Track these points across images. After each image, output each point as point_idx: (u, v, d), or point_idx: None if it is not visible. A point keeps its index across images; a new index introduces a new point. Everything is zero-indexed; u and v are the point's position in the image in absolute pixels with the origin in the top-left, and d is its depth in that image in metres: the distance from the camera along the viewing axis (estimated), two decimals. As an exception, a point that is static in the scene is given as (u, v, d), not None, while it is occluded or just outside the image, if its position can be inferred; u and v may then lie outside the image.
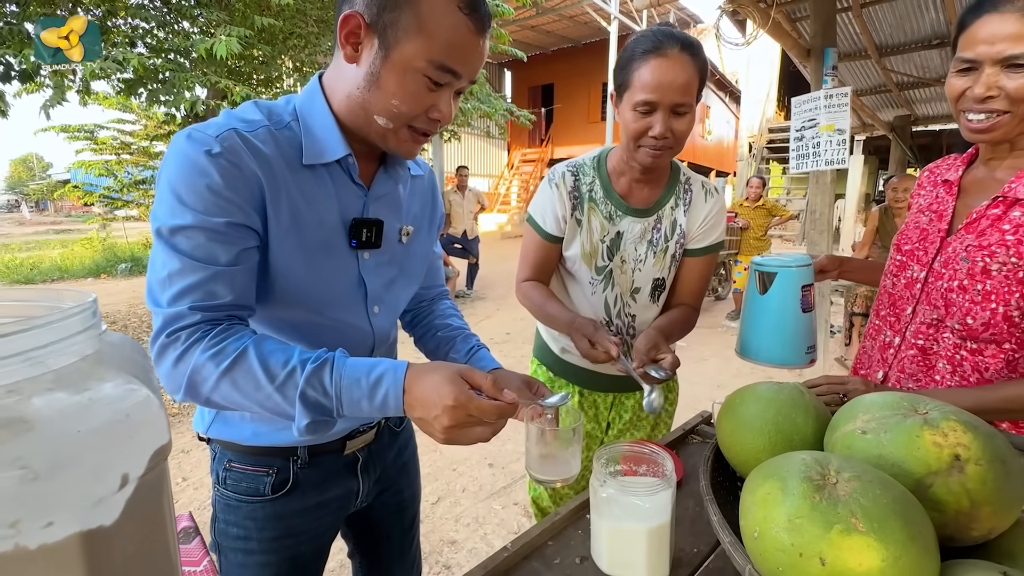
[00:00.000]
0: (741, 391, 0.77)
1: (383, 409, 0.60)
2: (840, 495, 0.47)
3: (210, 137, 0.62)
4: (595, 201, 1.10)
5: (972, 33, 0.79)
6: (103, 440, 0.22)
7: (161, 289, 0.60)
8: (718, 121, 20.15)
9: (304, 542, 0.83)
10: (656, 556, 0.65)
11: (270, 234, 0.67)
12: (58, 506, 0.20)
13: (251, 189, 0.63)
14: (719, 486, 0.71)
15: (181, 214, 0.60)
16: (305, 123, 0.70)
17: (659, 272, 1.13)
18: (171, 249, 0.60)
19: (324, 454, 0.82)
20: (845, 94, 2.70)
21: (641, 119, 0.96)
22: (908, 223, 1.03)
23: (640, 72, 0.94)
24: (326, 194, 0.71)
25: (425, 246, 0.91)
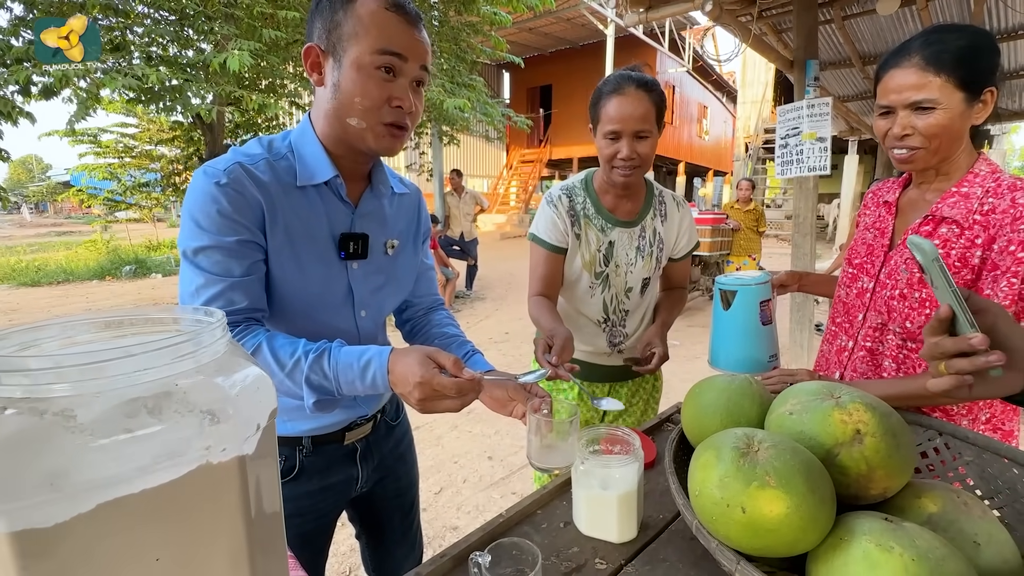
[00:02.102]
0: (701, 382, 0.90)
1: (374, 387, 0.72)
2: (759, 459, 0.60)
3: (219, 171, 0.75)
4: (589, 217, 1.29)
5: (884, 84, 0.94)
6: (247, 401, 0.35)
7: (191, 301, 0.75)
8: (715, 121, 20.27)
9: (310, 521, 0.95)
10: (626, 519, 0.79)
11: (269, 249, 0.79)
12: (228, 440, 0.33)
13: (254, 211, 0.76)
14: (682, 463, 0.85)
15: (200, 237, 0.74)
16: (298, 152, 0.83)
17: (647, 273, 1.32)
18: (195, 267, 0.74)
19: (326, 444, 0.93)
20: (826, 104, 2.84)
21: (611, 145, 1.17)
22: (857, 240, 1.16)
23: (606, 108, 1.16)
24: (317, 212, 0.83)
25: (411, 257, 1.02)
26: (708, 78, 18.77)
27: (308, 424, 0.91)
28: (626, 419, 1.46)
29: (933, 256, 0.57)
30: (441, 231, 6.50)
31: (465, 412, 3.33)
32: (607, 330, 1.36)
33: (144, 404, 0.31)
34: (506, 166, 17.35)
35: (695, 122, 18.20)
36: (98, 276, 8.83)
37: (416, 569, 0.73)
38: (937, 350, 0.58)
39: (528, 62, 9.57)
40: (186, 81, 3.56)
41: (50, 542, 0.28)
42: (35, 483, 0.27)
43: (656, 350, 1.26)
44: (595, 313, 1.34)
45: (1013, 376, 0.59)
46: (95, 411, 0.30)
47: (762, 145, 13.60)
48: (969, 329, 0.56)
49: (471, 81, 5.83)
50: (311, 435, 0.92)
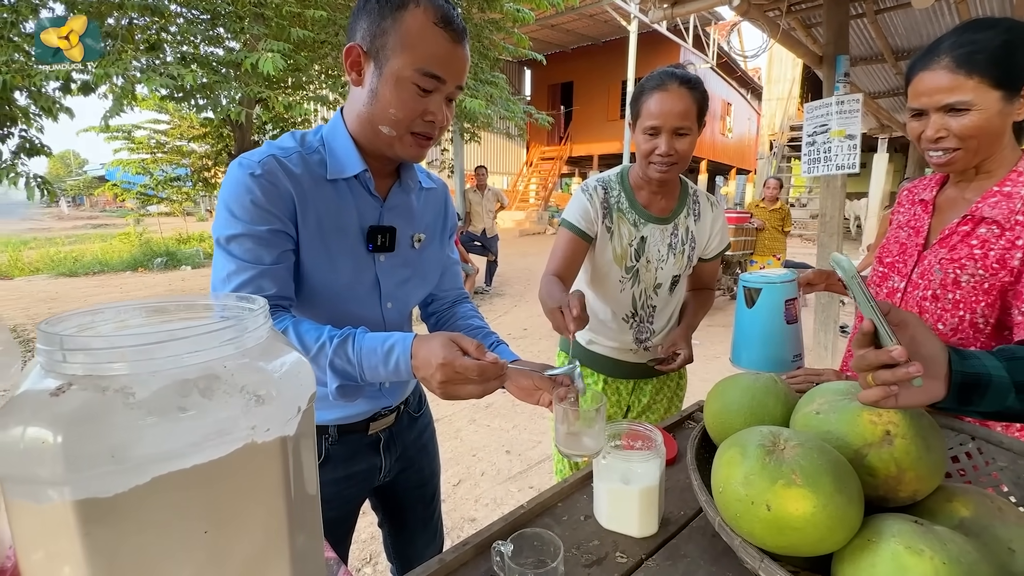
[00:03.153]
0: (725, 380, 0.90)
1: (396, 372, 0.72)
2: (785, 458, 0.60)
3: (254, 163, 0.78)
4: (622, 211, 1.29)
5: (915, 87, 0.91)
6: (289, 384, 0.36)
7: (222, 287, 0.76)
8: (739, 118, 19.89)
9: (335, 508, 0.96)
10: (647, 513, 0.79)
11: (300, 240, 0.81)
12: (272, 420, 0.35)
13: (285, 203, 0.78)
14: (704, 460, 0.85)
15: (233, 225, 0.76)
16: (329, 146, 0.85)
17: (677, 270, 1.33)
18: (227, 254, 0.76)
19: (351, 433, 0.96)
20: (857, 100, 2.76)
21: (650, 140, 1.17)
22: (889, 238, 1.14)
23: (647, 103, 1.17)
24: (347, 205, 0.85)
25: (438, 252, 1.03)
26: (732, 75, 18.41)
27: (334, 413, 0.93)
28: (650, 416, 1.46)
29: (852, 273, 0.59)
30: (462, 227, 6.53)
31: (484, 405, 3.36)
32: (634, 326, 1.36)
33: (195, 384, 0.32)
34: (526, 163, 17.33)
35: (718, 119, 17.89)
36: (131, 268, 9.14)
37: (440, 555, 0.75)
38: (863, 362, 0.59)
39: (549, 59, 9.49)
40: (217, 81, 3.65)
41: (110, 511, 0.30)
42: (98, 455, 0.29)
43: (681, 352, 1.29)
44: (623, 308, 1.34)
45: (934, 384, 0.60)
46: (151, 389, 0.31)
47: (787, 143, 13.30)
48: (889, 342, 0.57)
49: (493, 78, 5.83)
50: (337, 424, 0.94)
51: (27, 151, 3.55)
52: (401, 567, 1.19)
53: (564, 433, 0.84)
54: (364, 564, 1.83)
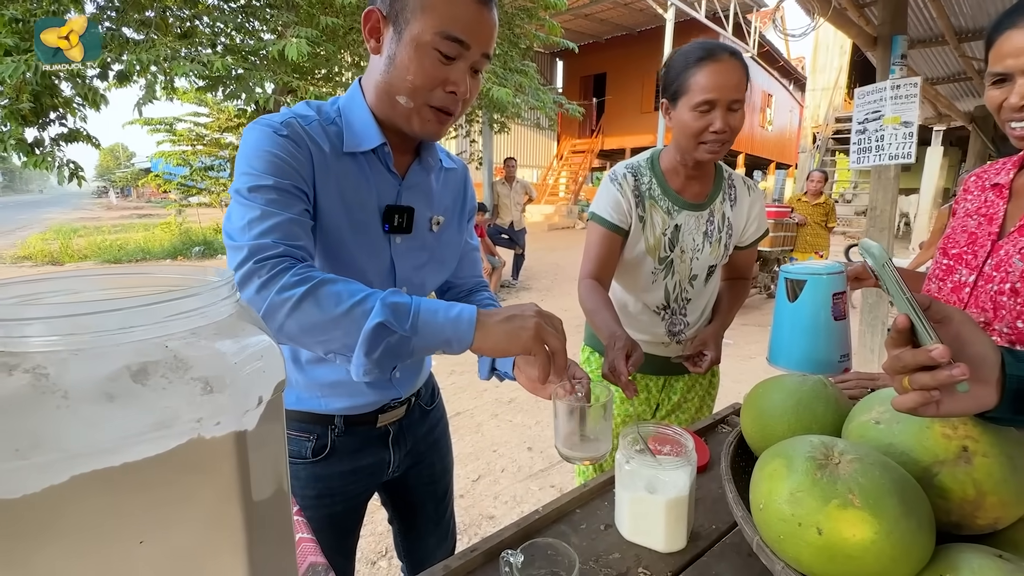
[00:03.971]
0: (766, 382, 0.81)
1: (457, 320, 0.64)
2: (840, 474, 0.51)
3: (276, 122, 0.73)
4: (655, 199, 1.20)
5: (999, 48, 0.79)
6: (248, 370, 0.31)
7: (242, 232, 0.66)
8: (780, 110, 19.12)
9: (340, 502, 0.93)
10: (674, 527, 0.71)
11: (320, 210, 0.75)
12: (223, 412, 0.29)
13: (306, 167, 0.73)
14: (740, 469, 0.76)
15: (257, 178, 0.69)
16: (347, 118, 0.79)
17: (714, 260, 1.24)
18: (250, 202, 0.67)
19: (358, 424, 0.91)
20: (915, 84, 2.56)
21: (701, 117, 1.07)
22: (955, 227, 1.02)
23: (697, 77, 1.06)
24: (365, 180, 0.80)
25: (456, 236, 0.97)
26: (774, 64, 17.70)
27: (341, 402, 0.88)
28: (679, 416, 1.37)
29: (883, 260, 0.52)
30: (490, 219, 6.48)
31: (507, 400, 3.31)
32: (667, 318, 1.27)
33: (128, 367, 0.27)
34: (556, 156, 17.14)
35: (758, 111, 17.22)
36: (171, 256, 9.50)
37: (445, 561, 0.69)
38: (898, 364, 0.51)
39: (582, 50, 9.31)
40: (247, 70, 3.69)
41: (17, 516, 0.25)
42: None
43: (709, 353, 1.20)
44: (655, 300, 1.26)
45: (984, 389, 0.51)
46: (72, 371, 0.26)
47: (832, 136, 12.70)
48: (929, 340, 0.49)
49: (523, 67, 5.73)
50: (343, 414, 0.89)
51: (65, 138, 3.68)
52: (411, 567, 1.14)
53: (565, 433, 0.76)
54: (380, 557, 1.81)
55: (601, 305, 1.13)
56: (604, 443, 0.78)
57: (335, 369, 0.85)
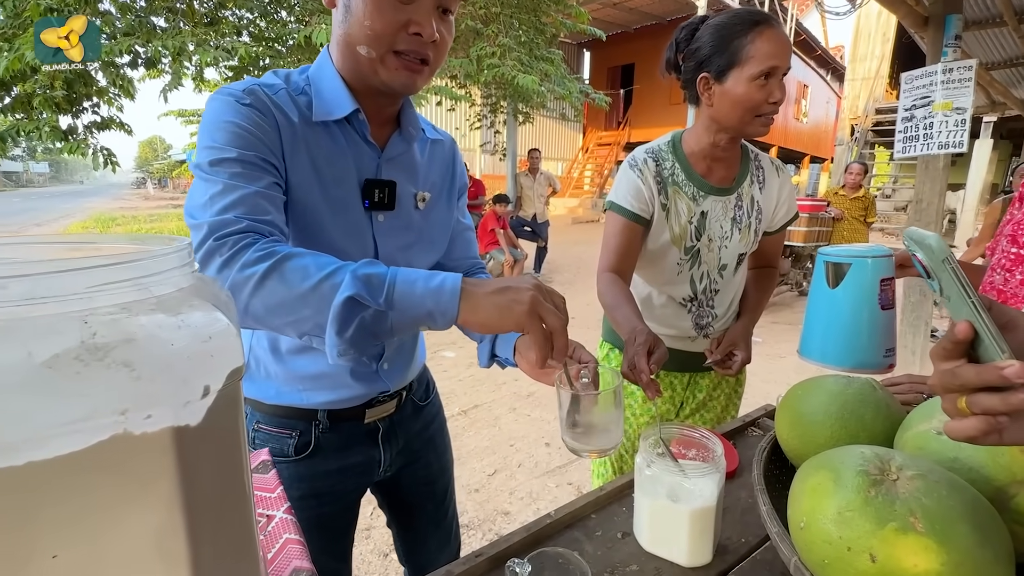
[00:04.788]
0: (805, 383, 0.73)
1: (439, 291, 0.56)
2: (899, 492, 0.44)
3: (238, 91, 0.67)
4: (678, 184, 1.12)
5: None
6: (190, 355, 0.26)
7: (203, 209, 0.60)
8: (816, 102, 18.39)
9: (328, 503, 0.86)
10: (699, 539, 0.65)
11: (293, 183, 0.68)
12: (155, 403, 0.24)
13: (273, 138, 0.67)
14: (773, 478, 0.69)
15: (219, 151, 0.63)
16: (316, 86, 0.73)
17: (743, 248, 1.16)
18: (212, 177, 0.61)
19: (344, 421, 0.85)
20: (969, 67, 2.38)
21: (762, 88, 0.99)
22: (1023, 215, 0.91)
23: (755, 44, 0.97)
24: (341, 152, 0.73)
25: (445, 214, 0.90)
26: (811, 54, 17.01)
27: (324, 396, 0.82)
28: (704, 415, 1.29)
29: (943, 255, 0.43)
30: (512, 211, 6.42)
31: (526, 395, 3.26)
32: (694, 311, 1.19)
33: (34, 346, 0.22)
34: (582, 149, 16.90)
35: (793, 103, 16.61)
36: (202, 245, 9.74)
37: (448, 567, 0.64)
38: (955, 382, 0.41)
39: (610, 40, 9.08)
40: (273, 57, 3.71)
41: None
42: None
43: (739, 353, 1.11)
44: (681, 293, 1.18)
45: None
46: (-39, 349, 0.21)
47: (871, 128, 12.14)
48: (999, 354, 0.39)
49: (549, 55, 5.62)
50: (326, 408, 0.83)
51: (98, 126, 3.77)
52: (412, 571, 1.08)
53: (570, 422, 0.68)
54: (381, 558, 1.79)
55: (622, 299, 1.05)
56: (614, 434, 0.69)
57: (317, 360, 0.79)
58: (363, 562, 1.75)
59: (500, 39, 5.04)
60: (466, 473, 2.29)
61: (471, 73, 5.21)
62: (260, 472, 0.65)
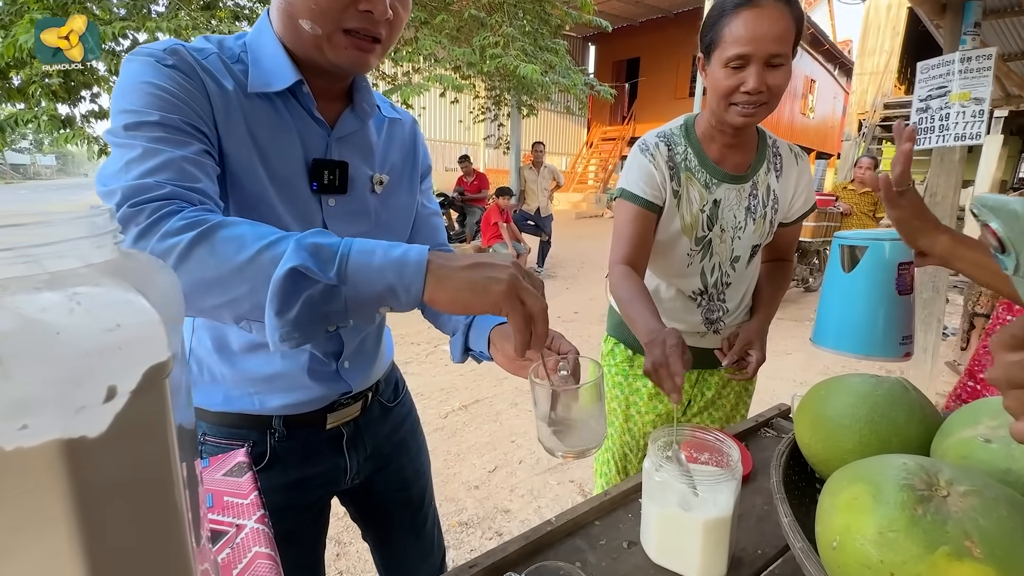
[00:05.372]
0: (828, 382, 0.67)
1: (401, 262, 0.47)
2: (951, 511, 0.39)
3: (158, 51, 0.58)
4: (691, 170, 1.06)
5: None
6: (87, 347, 0.20)
7: (117, 176, 0.51)
8: (823, 97, 18.16)
9: (291, 517, 0.78)
10: (713, 552, 0.59)
11: (230, 155, 0.61)
12: (34, 409, 0.19)
13: (202, 103, 0.58)
14: (792, 485, 0.64)
15: (136, 115, 0.54)
16: (254, 55, 0.65)
17: (757, 239, 1.10)
18: (128, 142, 0.53)
19: (303, 427, 0.77)
20: (988, 56, 2.30)
21: (733, 75, 0.92)
22: None
23: (732, 26, 0.90)
24: (285, 127, 0.66)
25: (406, 199, 0.83)
26: (818, 48, 16.80)
27: (279, 399, 0.74)
28: (712, 414, 1.23)
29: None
30: (516, 205, 6.35)
31: (527, 389, 3.20)
32: (704, 304, 1.13)
33: None
34: (586, 143, 16.77)
35: (799, 98, 16.38)
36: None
37: (438, 579, 0.59)
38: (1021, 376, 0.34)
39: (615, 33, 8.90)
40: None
41: None
42: None
43: (753, 353, 1.05)
44: (691, 286, 1.12)
45: None
46: None
47: (879, 123, 11.97)
48: None
49: (553, 45, 5.52)
50: (283, 414, 0.75)
51: (96, 115, 3.72)
52: None
53: (547, 420, 0.60)
54: None
55: (637, 294, 0.97)
56: (596, 432, 0.61)
57: (272, 358, 0.72)
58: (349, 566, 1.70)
59: (504, 28, 4.96)
60: (466, 469, 2.25)
61: (474, 63, 5.13)
62: (234, 475, 0.59)
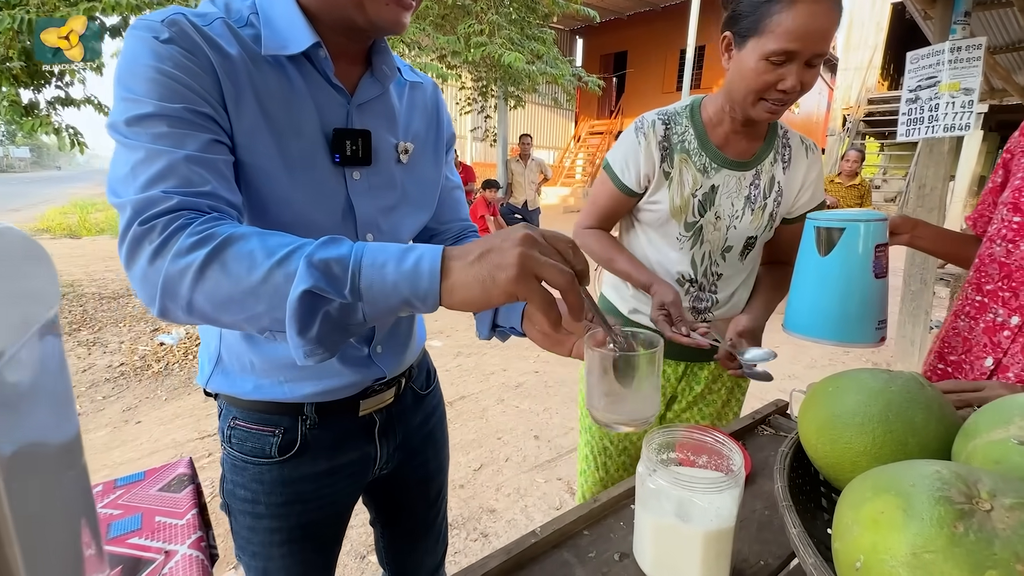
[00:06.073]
0: (835, 378, 0.62)
1: (415, 274, 0.44)
2: (998, 528, 0.33)
3: (156, 23, 0.53)
4: (688, 152, 1.02)
5: None
6: None
7: (125, 183, 0.50)
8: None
9: (315, 508, 0.76)
10: (713, 566, 0.54)
11: (238, 132, 0.57)
12: None
13: (207, 82, 0.54)
14: (797, 489, 0.58)
15: (136, 105, 0.51)
16: (265, 15, 0.59)
17: (754, 231, 1.05)
18: (131, 141, 0.51)
19: (335, 413, 0.74)
20: (979, 46, 2.28)
21: (772, 70, 0.86)
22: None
23: (781, 16, 0.82)
24: (299, 96, 0.61)
25: (432, 170, 0.79)
26: (805, 43, 16.93)
27: (310, 387, 0.70)
28: (702, 411, 1.18)
29: None
30: (503, 198, 6.27)
31: (514, 385, 3.15)
32: (692, 292, 1.08)
33: None
34: (574, 137, 16.72)
35: (785, 93, 16.53)
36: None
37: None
38: None
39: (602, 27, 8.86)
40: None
41: None
42: None
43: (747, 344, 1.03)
44: (679, 271, 1.07)
45: None
46: None
47: (863, 118, 12.09)
48: None
49: (540, 34, 5.43)
50: (314, 401, 0.72)
51: (63, 102, 3.55)
52: (393, 575, 0.99)
53: (601, 392, 0.57)
54: (358, 560, 1.67)
55: (619, 250, 1.01)
56: (652, 403, 0.58)
57: None
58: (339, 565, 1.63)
59: (490, 16, 4.86)
60: (451, 468, 2.18)
61: (459, 51, 5.02)
62: (172, 490, 0.52)
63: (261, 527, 0.74)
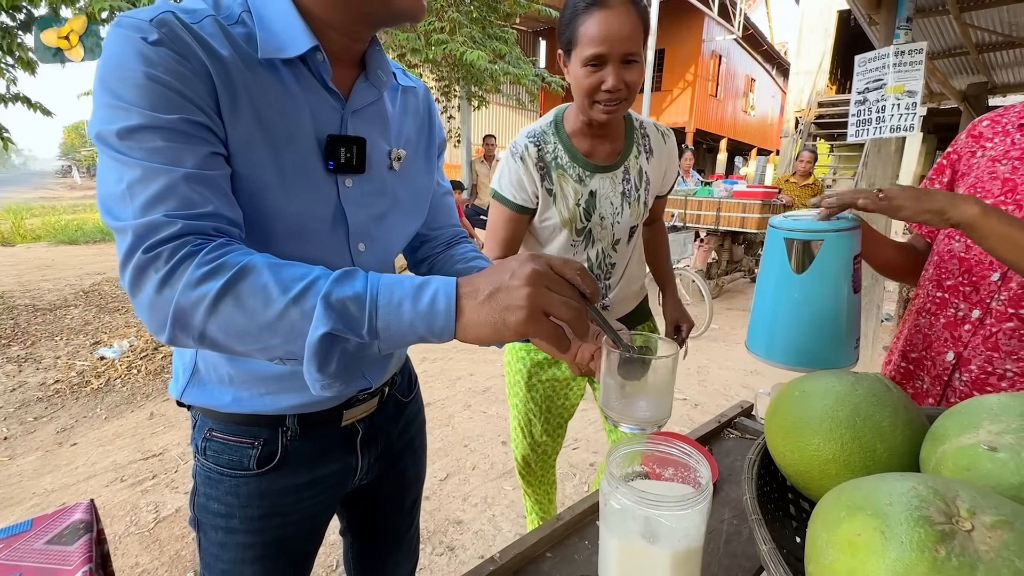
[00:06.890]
0: (802, 381, 0.60)
1: (431, 313, 0.45)
2: (981, 551, 0.31)
3: (144, 22, 0.49)
4: (563, 167, 1.08)
5: None
6: None
7: (122, 204, 0.47)
8: (763, 96, 19.03)
9: (293, 523, 0.73)
10: (682, 588, 0.50)
11: (232, 141, 0.53)
12: None
13: (200, 88, 0.50)
14: (765, 497, 0.56)
15: (125, 115, 0.47)
16: (259, 14, 0.56)
17: (634, 220, 1.15)
18: (124, 156, 0.47)
19: (318, 425, 0.71)
20: (920, 50, 2.38)
21: (593, 74, 0.94)
22: (981, 173, 0.84)
23: (586, 26, 0.92)
24: (294, 101, 0.58)
25: (424, 176, 0.77)
26: (758, 48, 17.54)
27: (292, 399, 0.67)
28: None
29: None
30: (468, 200, 6.21)
31: (481, 390, 3.09)
32: None
33: None
34: (539, 139, 16.78)
35: (741, 96, 17.07)
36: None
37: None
38: None
39: (566, 26, 8.94)
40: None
41: None
42: None
43: (683, 325, 1.32)
44: None
45: None
46: None
47: (813, 120, 12.63)
48: None
49: (502, 33, 5.40)
50: (296, 412, 0.69)
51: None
52: None
53: (620, 393, 0.57)
54: (327, 571, 1.59)
55: None
56: (664, 407, 0.59)
57: None
58: (295, 589, 1.55)
59: (450, 13, 4.78)
60: (416, 479, 2.11)
61: (419, 48, 4.93)
62: (63, 543, 0.44)
63: (233, 543, 0.70)
